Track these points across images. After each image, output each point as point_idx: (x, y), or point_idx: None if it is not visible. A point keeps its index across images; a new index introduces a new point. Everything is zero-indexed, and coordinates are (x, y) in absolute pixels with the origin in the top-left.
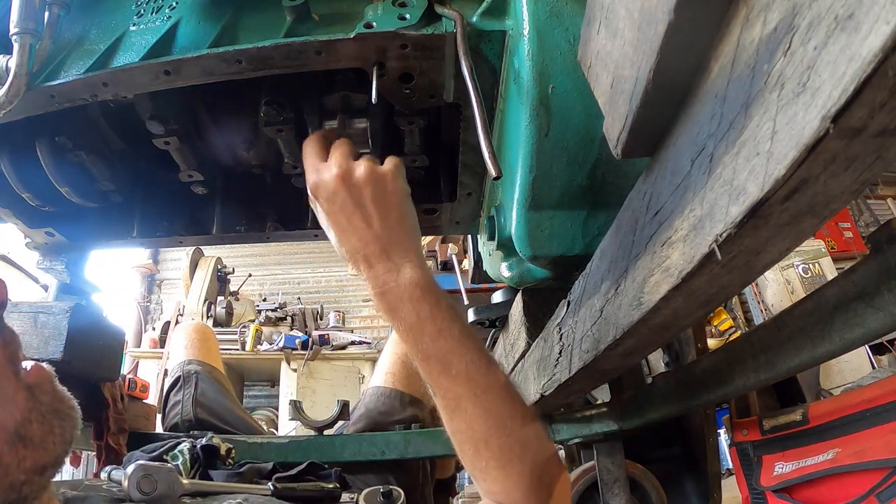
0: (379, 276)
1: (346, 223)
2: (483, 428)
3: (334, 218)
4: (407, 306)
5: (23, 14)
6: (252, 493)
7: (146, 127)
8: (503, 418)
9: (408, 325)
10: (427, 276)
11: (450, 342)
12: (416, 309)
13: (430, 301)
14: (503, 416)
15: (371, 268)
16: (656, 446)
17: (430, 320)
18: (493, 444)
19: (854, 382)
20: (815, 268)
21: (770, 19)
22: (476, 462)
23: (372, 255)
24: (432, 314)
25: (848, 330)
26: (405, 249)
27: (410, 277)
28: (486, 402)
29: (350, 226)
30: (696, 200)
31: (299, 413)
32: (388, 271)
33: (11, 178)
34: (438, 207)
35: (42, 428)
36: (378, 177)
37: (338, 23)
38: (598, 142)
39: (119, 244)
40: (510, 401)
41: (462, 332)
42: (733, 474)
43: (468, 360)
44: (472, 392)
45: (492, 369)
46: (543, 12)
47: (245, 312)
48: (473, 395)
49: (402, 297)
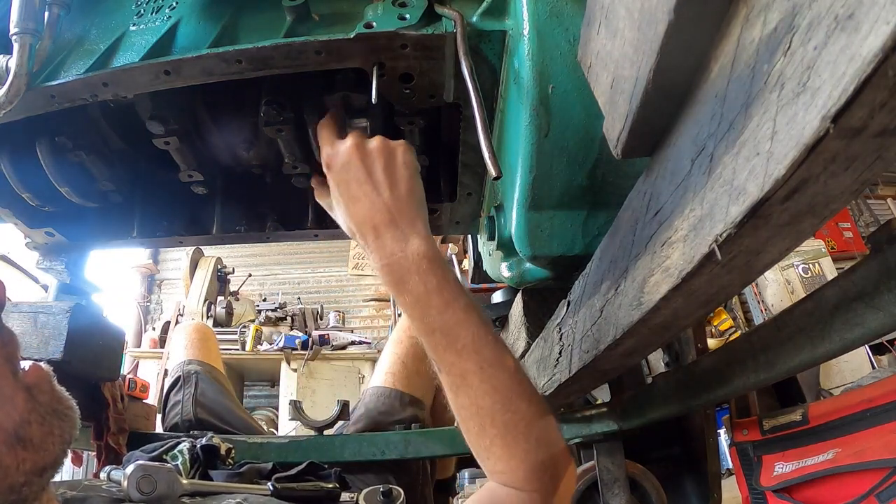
0: (387, 245)
1: (357, 191)
2: (489, 403)
3: (345, 187)
4: (414, 277)
5: (23, 14)
6: (252, 493)
7: (146, 127)
8: (509, 394)
9: (415, 296)
10: (434, 248)
11: (457, 314)
12: (423, 280)
13: (438, 274)
14: (509, 392)
15: (379, 237)
16: (656, 446)
17: (436, 292)
18: (499, 421)
19: (854, 382)
20: (815, 268)
21: (770, 19)
22: (481, 440)
23: (381, 224)
24: (439, 286)
25: (848, 330)
26: (413, 220)
27: (418, 248)
28: (492, 377)
29: (361, 194)
30: (696, 200)
31: (299, 413)
32: (397, 241)
33: (11, 178)
34: (438, 207)
35: (41, 429)
36: (391, 149)
37: (338, 23)
38: (598, 142)
39: (119, 244)
40: (517, 380)
41: (468, 305)
42: (733, 474)
43: (474, 332)
44: (478, 366)
45: (498, 345)
46: (543, 12)
47: (245, 312)
48: (479, 369)
49: (410, 268)
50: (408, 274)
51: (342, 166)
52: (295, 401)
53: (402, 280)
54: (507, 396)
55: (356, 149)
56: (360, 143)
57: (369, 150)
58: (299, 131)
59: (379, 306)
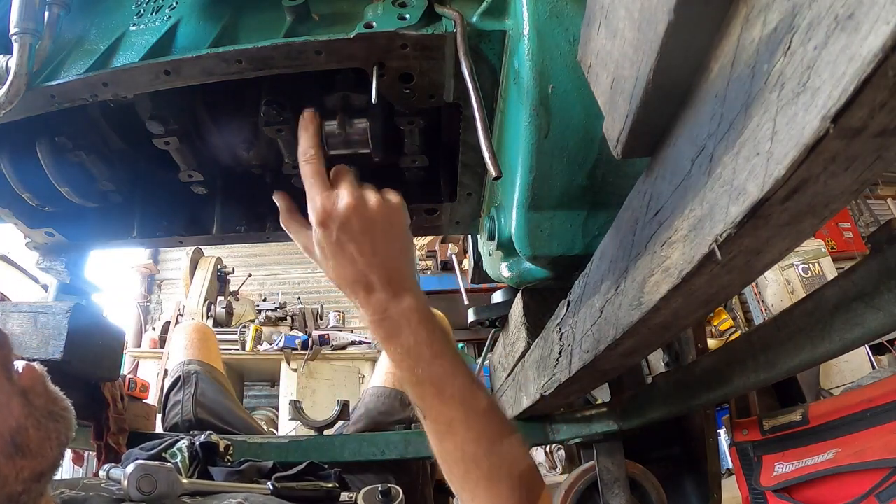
0: (380, 301)
1: (354, 251)
2: (473, 449)
3: (341, 247)
4: (406, 331)
5: (23, 14)
6: (252, 492)
7: (146, 127)
8: (492, 438)
9: (405, 349)
10: (425, 303)
11: (444, 366)
12: (414, 334)
13: (428, 327)
14: (492, 436)
15: (371, 294)
16: (656, 446)
17: (426, 345)
18: (484, 464)
19: (854, 382)
20: (815, 268)
21: (770, 19)
22: (465, 483)
23: (376, 282)
24: (429, 339)
25: (848, 330)
26: (406, 278)
27: (410, 304)
28: (476, 424)
29: (358, 254)
30: (696, 200)
31: (299, 413)
32: (390, 298)
33: (11, 178)
34: (438, 207)
35: (38, 434)
36: (390, 211)
37: (338, 23)
38: (598, 142)
39: (119, 244)
40: (497, 421)
41: (454, 357)
42: (733, 474)
43: (460, 383)
44: (463, 415)
45: (480, 392)
46: (543, 12)
47: (245, 312)
48: (465, 418)
49: (402, 322)
50: (399, 328)
51: (340, 227)
52: (295, 401)
53: (394, 334)
54: (491, 440)
55: (356, 211)
56: (359, 203)
57: (370, 215)
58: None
59: None
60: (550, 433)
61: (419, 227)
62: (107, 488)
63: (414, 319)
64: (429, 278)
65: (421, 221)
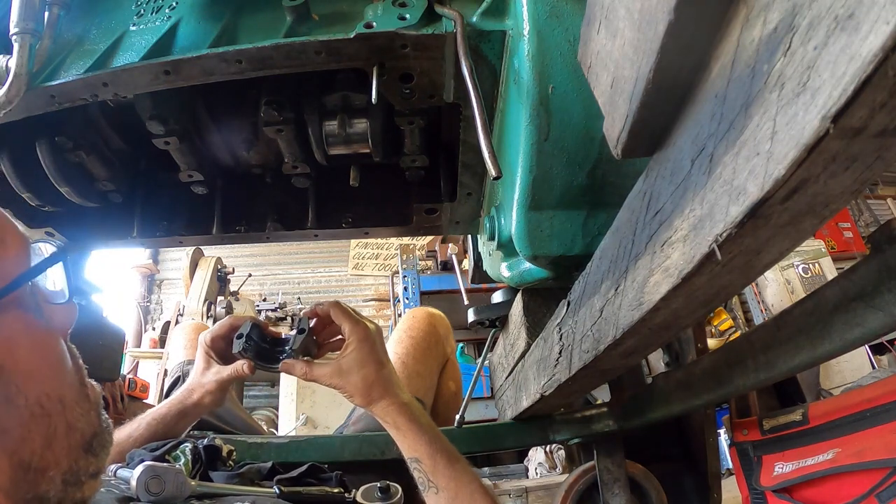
0: (398, 394)
1: (382, 355)
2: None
3: (381, 351)
4: (421, 415)
5: (23, 14)
6: (259, 495)
7: (146, 127)
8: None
9: (428, 424)
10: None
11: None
12: (422, 414)
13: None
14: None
15: (391, 388)
16: (656, 446)
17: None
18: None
19: (854, 382)
20: (815, 268)
21: (770, 19)
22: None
23: (393, 381)
24: (430, 422)
25: (848, 330)
26: (395, 382)
27: (407, 397)
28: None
29: (385, 357)
30: (696, 200)
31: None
32: (398, 391)
33: (11, 178)
34: (438, 207)
35: (102, 440)
36: (379, 332)
37: (338, 23)
38: (598, 142)
39: (119, 244)
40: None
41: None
42: (733, 474)
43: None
44: (473, 482)
45: (466, 467)
46: (543, 12)
47: (245, 312)
48: (472, 482)
49: (412, 405)
50: (413, 410)
51: (376, 336)
52: None
53: (417, 416)
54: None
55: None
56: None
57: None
58: (299, 131)
59: (379, 306)
60: (550, 433)
61: (419, 227)
62: (116, 486)
63: (415, 405)
64: (429, 278)
65: (421, 221)
